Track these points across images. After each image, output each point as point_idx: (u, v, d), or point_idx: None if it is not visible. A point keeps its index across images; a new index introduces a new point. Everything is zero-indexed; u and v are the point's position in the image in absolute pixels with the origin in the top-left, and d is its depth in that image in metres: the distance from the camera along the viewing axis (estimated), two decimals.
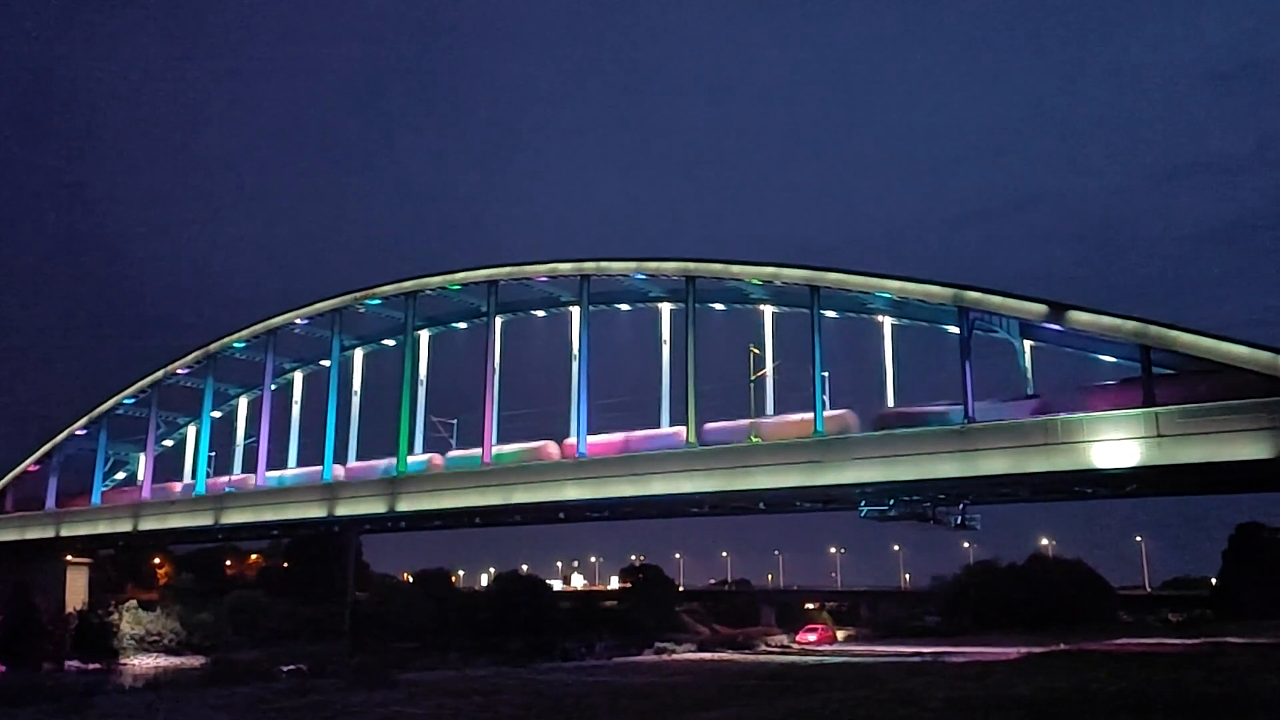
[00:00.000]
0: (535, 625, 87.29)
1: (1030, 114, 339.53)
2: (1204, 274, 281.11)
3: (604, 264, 64.90)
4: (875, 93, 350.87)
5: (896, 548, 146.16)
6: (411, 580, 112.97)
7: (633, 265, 63.72)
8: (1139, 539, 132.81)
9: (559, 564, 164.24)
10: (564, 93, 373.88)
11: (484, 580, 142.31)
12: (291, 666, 57.40)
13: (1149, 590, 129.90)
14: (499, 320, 68.66)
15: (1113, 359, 52.85)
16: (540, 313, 70.62)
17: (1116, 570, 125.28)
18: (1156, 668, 35.86)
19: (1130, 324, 48.37)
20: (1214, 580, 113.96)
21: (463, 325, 74.23)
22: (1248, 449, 44.20)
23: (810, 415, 55.21)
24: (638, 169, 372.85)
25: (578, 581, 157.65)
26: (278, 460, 75.97)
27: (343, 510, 69.75)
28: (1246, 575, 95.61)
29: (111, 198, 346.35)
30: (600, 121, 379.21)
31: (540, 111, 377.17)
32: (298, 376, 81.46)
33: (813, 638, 79.62)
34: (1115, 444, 46.88)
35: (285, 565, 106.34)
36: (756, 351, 62.48)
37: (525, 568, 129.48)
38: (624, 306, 67.55)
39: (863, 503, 56.61)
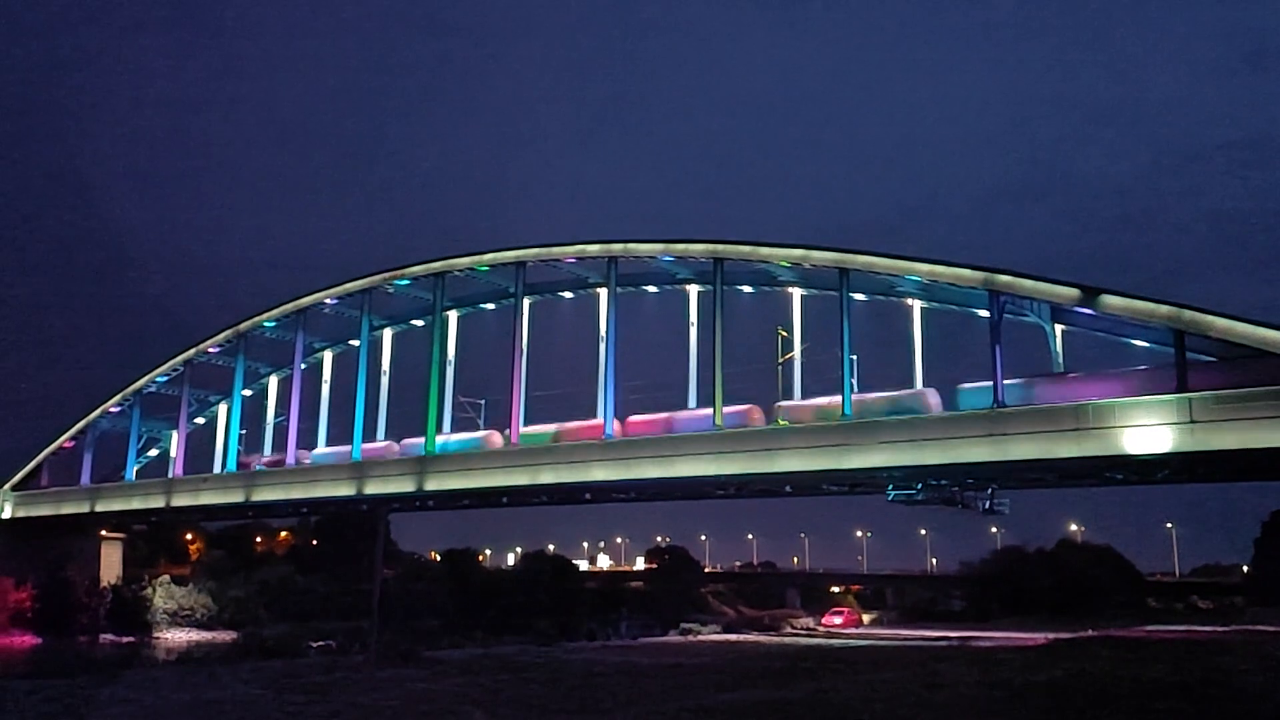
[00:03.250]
0: (561, 605, 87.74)
1: (1058, 93, 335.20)
2: (1232, 256, 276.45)
3: (631, 245, 64.92)
4: (898, 71, 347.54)
5: (923, 532, 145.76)
6: (439, 559, 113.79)
7: (660, 247, 63.68)
8: (1169, 525, 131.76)
9: (585, 544, 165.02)
10: (572, 86, 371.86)
11: (510, 560, 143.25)
12: (320, 643, 58.10)
13: (1179, 577, 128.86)
14: (527, 301, 68.83)
15: (1145, 344, 52.29)
16: (568, 294, 70.73)
17: (1146, 556, 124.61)
18: (1188, 655, 35.58)
19: (1164, 308, 47.77)
20: (1245, 568, 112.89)
21: (491, 306, 74.60)
22: None
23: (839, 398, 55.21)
24: (656, 156, 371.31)
25: (604, 562, 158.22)
26: (308, 439, 76.72)
27: (371, 489, 70.33)
28: (1279, 563, 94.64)
29: (113, 194, 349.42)
30: (612, 112, 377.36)
31: (550, 105, 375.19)
32: (327, 356, 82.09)
33: (838, 620, 79.52)
34: (1148, 429, 46.41)
35: (315, 543, 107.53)
36: (785, 334, 62.33)
37: (552, 548, 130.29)
38: (651, 288, 67.53)
39: (890, 486, 56.46)
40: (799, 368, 62.69)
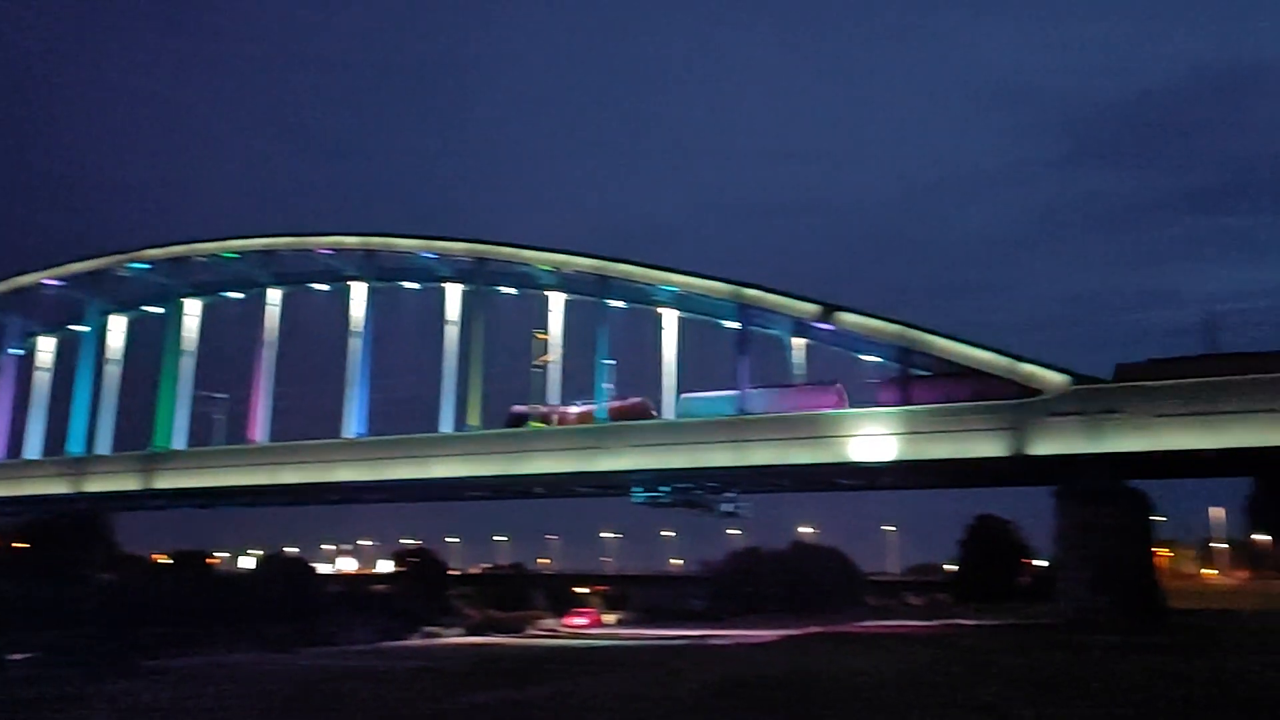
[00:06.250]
0: (300, 609, 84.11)
1: (818, 119, 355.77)
2: (964, 279, 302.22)
3: (391, 240, 63.89)
4: (679, 82, 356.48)
5: (666, 534, 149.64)
6: (167, 561, 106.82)
7: (421, 243, 62.97)
8: (889, 528, 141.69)
9: (328, 546, 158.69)
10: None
11: (248, 563, 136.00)
12: (23, 655, 52.83)
13: (896, 576, 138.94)
14: (278, 292, 66.17)
15: (878, 359, 56.25)
16: (323, 286, 68.13)
17: (869, 557, 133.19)
18: (899, 648, 38.57)
19: (892, 327, 51.95)
20: (952, 567, 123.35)
21: (239, 295, 70.68)
22: (987, 447, 48.37)
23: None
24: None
25: (348, 565, 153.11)
26: (17, 431, 70.22)
27: (92, 487, 65.34)
28: (980, 563, 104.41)
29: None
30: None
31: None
32: (46, 343, 75.27)
33: (581, 621, 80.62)
34: (873, 439, 50.17)
35: (22, 546, 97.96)
36: (543, 337, 62.67)
37: (293, 550, 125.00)
38: (413, 285, 66.15)
39: (635, 488, 57.93)
40: (555, 371, 63.12)
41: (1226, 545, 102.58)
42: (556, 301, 62.82)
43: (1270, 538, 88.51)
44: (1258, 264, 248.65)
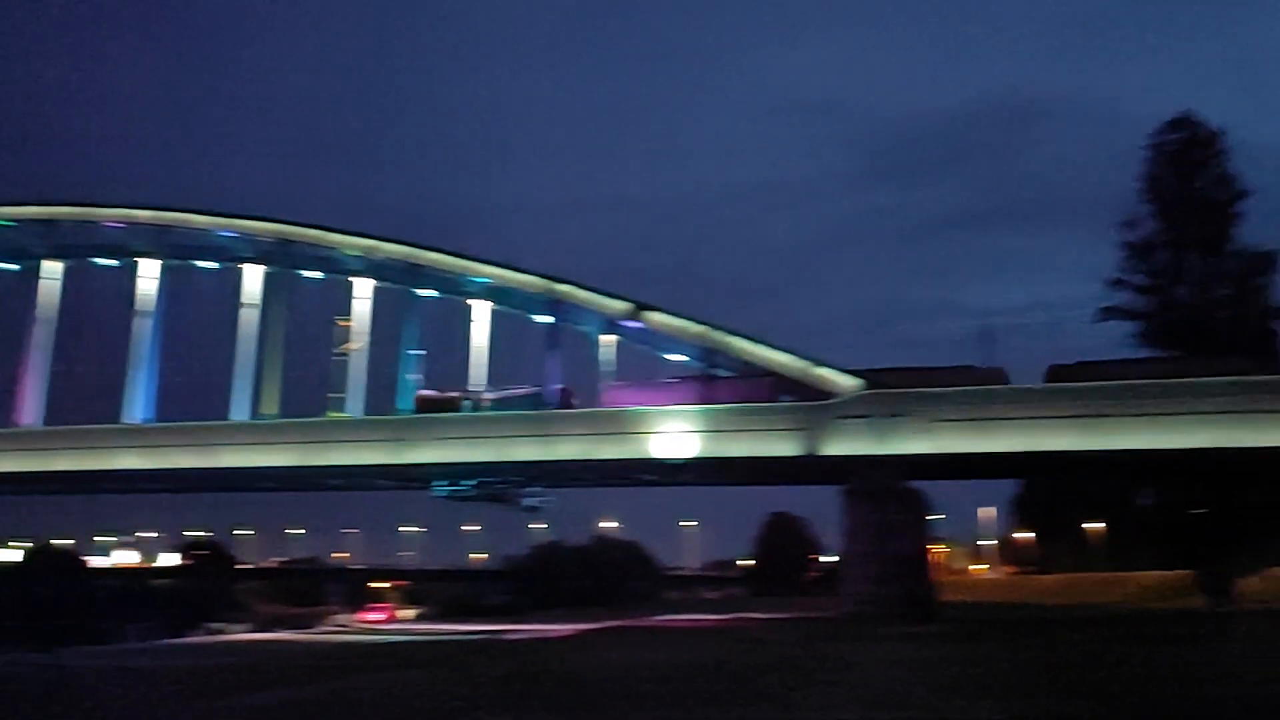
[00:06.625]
0: (71, 605, 78.87)
1: (623, 121, 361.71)
2: (778, 282, 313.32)
3: (189, 216, 61.08)
4: (497, 77, 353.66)
5: (468, 528, 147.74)
6: None
7: (220, 220, 60.29)
8: (689, 523, 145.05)
9: (106, 538, 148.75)
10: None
11: (12, 556, 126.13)
12: None
13: (694, 571, 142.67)
14: (58, 265, 61.97)
15: (685, 357, 57.45)
16: (111, 261, 63.87)
17: (668, 552, 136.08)
18: (693, 641, 39.70)
19: (696, 327, 53.42)
20: (747, 562, 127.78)
21: (13, 266, 65.35)
22: (782, 446, 50.37)
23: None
24: None
25: (128, 557, 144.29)
26: None
27: None
28: (773, 558, 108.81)
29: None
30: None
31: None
32: None
33: (376, 617, 79.18)
34: (676, 437, 51.35)
35: None
36: (346, 324, 60.78)
37: (65, 541, 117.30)
38: (210, 264, 62.80)
39: (436, 482, 57.17)
40: (360, 361, 61.18)
41: (995, 543, 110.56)
42: (364, 288, 60.99)
43: (1033, 535, 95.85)
44: (1029, 281, 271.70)
